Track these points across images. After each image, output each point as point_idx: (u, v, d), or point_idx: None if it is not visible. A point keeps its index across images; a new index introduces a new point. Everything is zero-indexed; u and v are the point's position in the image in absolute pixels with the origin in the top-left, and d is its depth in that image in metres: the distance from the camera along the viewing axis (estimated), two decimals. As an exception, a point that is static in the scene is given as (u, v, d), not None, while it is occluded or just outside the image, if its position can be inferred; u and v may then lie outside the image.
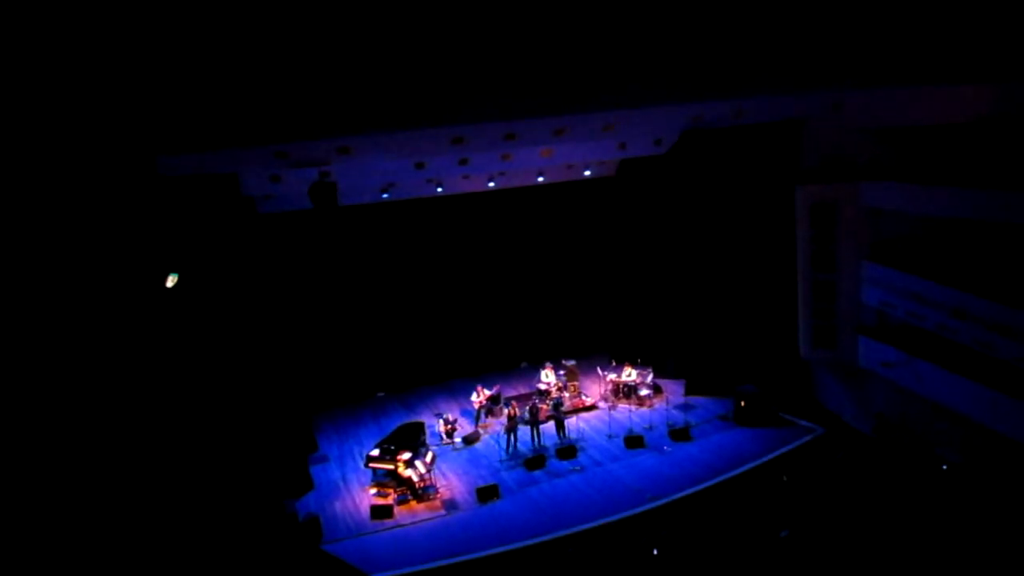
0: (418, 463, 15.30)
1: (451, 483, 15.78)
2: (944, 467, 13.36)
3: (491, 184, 18.79)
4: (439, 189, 18.56)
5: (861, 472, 14.16)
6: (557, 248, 22.50)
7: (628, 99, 14.38)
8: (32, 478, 9.60)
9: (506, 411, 17.23)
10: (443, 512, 14.70)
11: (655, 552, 12.12)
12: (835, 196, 15.89)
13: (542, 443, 17.07)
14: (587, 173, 19.54)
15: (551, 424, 17.49)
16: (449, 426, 17.73)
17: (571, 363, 19.79)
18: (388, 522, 14.43)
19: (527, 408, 17.37)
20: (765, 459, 15.33)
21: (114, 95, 10.30)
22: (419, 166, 16.16)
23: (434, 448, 16.80)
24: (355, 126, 13.05)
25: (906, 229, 15.32)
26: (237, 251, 14.59)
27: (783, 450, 15.49)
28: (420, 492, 15.14)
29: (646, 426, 17.50)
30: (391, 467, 15.30)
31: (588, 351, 22.13)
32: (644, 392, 18.87)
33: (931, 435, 14.62)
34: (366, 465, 15.84)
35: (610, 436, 17.23)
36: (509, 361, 22.47)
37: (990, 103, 13.76)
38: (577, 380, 19.71)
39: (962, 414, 13.25)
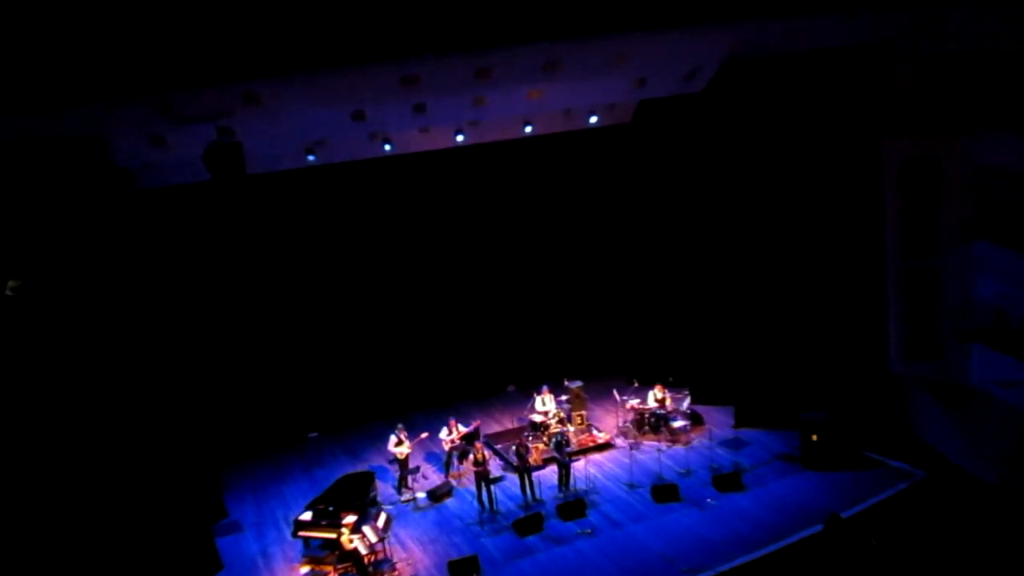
0: (367, 529, 15.28)
1: (413, 556, 15.82)
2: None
3: (459, 138, 18.78)
4: (387, 147, 18.52)
5: (977, 533, 14.24)
6: (553, 226, 22.53)
7: (645, 19, 14.38)
8: None
9: (472, 455, 17.33)
10: (402, 598, 14.79)
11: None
12: (936, 152, 15.90)
13: (538, 496, 17.12)
14: (593, 120, 19.53)
15: (550, 470, 17.56)
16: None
17: (576, 385, 19.80)
18: (326, 614, 14.52)
19: (513, 449, 17.39)
20: (845, 515, 15.28)
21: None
22: (357, 117, 16.16)
23: (389, 508, 16.83)
24: (265, 65, 13.03)
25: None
26: (107, 242, 14.49)
27: (869, 502, 15.56)
28: (370, 569, 15.16)
29: (681, 471, 17.58)
30: (330, 535, 15.33)
31: (600, 368, 22.19)
32: (678, 424, 18.93)
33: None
34: (295, 534, 15.86)
35: (632, 486, 17.29)
36: (491, 384, 22.56)
37: None
38: (585, 408, 19.76)
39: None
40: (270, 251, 20.23)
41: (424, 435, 18.53)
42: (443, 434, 18.42)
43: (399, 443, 17.87)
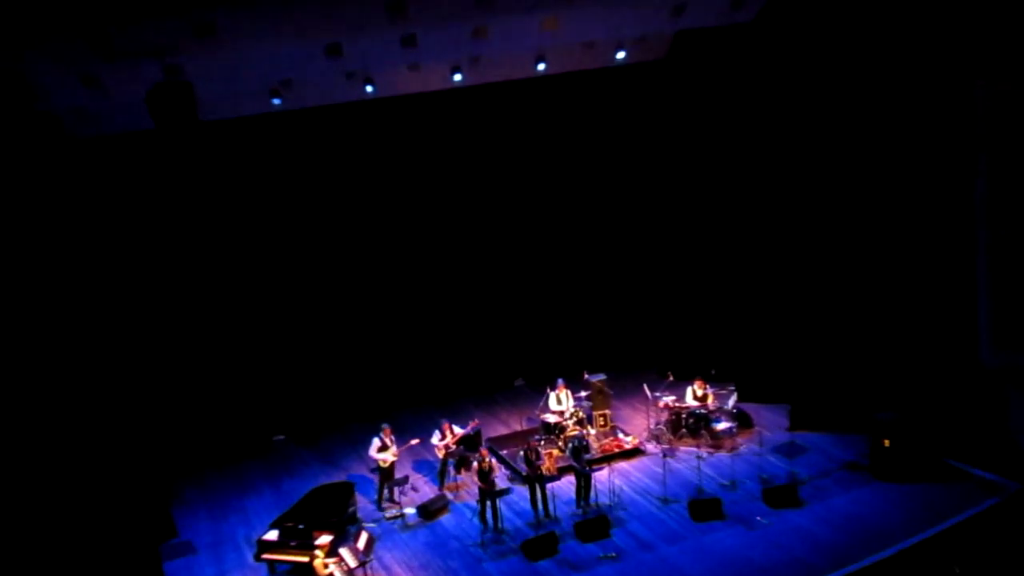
0: (345, 552, 15.20)
1: (401, 584, 15.77)
2: None
3: (457, 78, 18.63)
4: (368, 88, 18.34)
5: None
6: (570, 187, 22.42)
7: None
8: None
9: (475, 464, 17.15)
10: (387, 635, 14.77)
11: None
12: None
13: (552, 513, 17.04)
14: (620, 56, 19.33)
15: (566, 481, 17.49)
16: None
17: (598, 379, 19.69)
18: (295, 653, 14.49)
19: (522, 455, 17.30)
20: (923, 536, 15.23)
21: None
22: (332, 52, 16.05)
23: (371, 526, 16.76)
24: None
25: None
26: (26, 203, 14.39)
27: (953, 521, 15.42)
28: (348, 600, 15.10)
29: (725, 482, 17.52)
30: (301, 559, 15.31)
31: (627, 359, 22.21)
32: (722, 425, 18.88)
33: None
34: (258, 557, 15.82)
35: (665, 500, 17.22)
36: (495, 378, 22.60)
37: None
38: (609, 407, 19.73)
39: None
40: (227, 215, 20.02)
41: (414, 441, 18.46)
42: (435, 439, 18.31)
43: (383, 448, 17.72)
